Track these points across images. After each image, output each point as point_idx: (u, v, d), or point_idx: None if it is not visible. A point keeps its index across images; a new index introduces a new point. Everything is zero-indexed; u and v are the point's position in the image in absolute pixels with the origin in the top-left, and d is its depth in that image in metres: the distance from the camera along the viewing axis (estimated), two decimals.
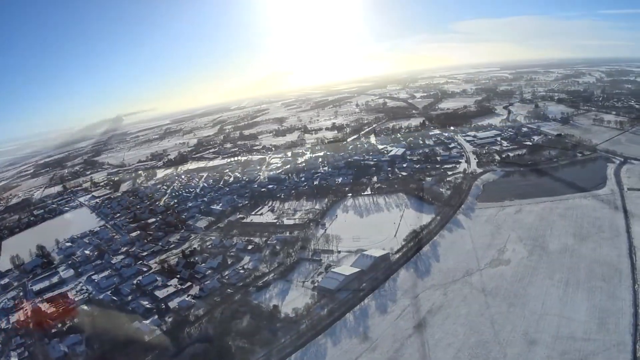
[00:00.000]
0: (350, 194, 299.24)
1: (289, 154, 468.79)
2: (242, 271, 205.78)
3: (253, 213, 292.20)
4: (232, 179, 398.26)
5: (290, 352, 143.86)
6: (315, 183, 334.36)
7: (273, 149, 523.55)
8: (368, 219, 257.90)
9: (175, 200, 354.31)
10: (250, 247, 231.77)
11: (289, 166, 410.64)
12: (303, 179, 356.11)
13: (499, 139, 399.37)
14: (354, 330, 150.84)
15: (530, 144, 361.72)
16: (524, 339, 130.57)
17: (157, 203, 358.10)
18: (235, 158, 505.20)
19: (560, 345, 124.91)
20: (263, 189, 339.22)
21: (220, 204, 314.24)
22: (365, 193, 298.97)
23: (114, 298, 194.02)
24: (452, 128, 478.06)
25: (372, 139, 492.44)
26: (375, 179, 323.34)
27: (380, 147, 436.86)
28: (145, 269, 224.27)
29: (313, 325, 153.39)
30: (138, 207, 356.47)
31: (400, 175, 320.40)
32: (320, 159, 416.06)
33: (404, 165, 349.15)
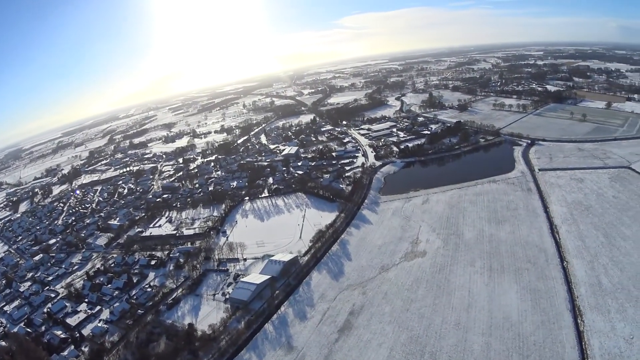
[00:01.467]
0: (247, 198, 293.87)
1: (180, 160, 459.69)
2: (149, 289, 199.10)
3: (151, 225, 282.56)
4: (126, 190, 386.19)
5: None
6: (210, 189, 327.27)
7: (164, 156, 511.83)
8: (269, 222, 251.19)
9: (73, 218, 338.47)
10: (153, 262, 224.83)
11: (181, 173, 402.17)
12: (197, 185, 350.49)
13: (394, 130, 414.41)
14: (277, 341, 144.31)
15: (429, 132, 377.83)
16: (458, 329, 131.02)
17: (55, 222, 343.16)
18: (128, 168, 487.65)
19: (497, 331, 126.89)
20: (158, 199, 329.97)
21: (118, 219, 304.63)
22: (263, 195, 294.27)
23: (28, 330, 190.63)
24: (344, 122, 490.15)
25: (263, 139, 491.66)
26: (271, 180, 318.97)
27: (272, 146, 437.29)
28: (53, 295, 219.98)
29: (233, 340, 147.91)
30: (38, 227, 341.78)
31: (296, 175, 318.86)
32: (212, 164, 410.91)
33: (299, 163, 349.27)
